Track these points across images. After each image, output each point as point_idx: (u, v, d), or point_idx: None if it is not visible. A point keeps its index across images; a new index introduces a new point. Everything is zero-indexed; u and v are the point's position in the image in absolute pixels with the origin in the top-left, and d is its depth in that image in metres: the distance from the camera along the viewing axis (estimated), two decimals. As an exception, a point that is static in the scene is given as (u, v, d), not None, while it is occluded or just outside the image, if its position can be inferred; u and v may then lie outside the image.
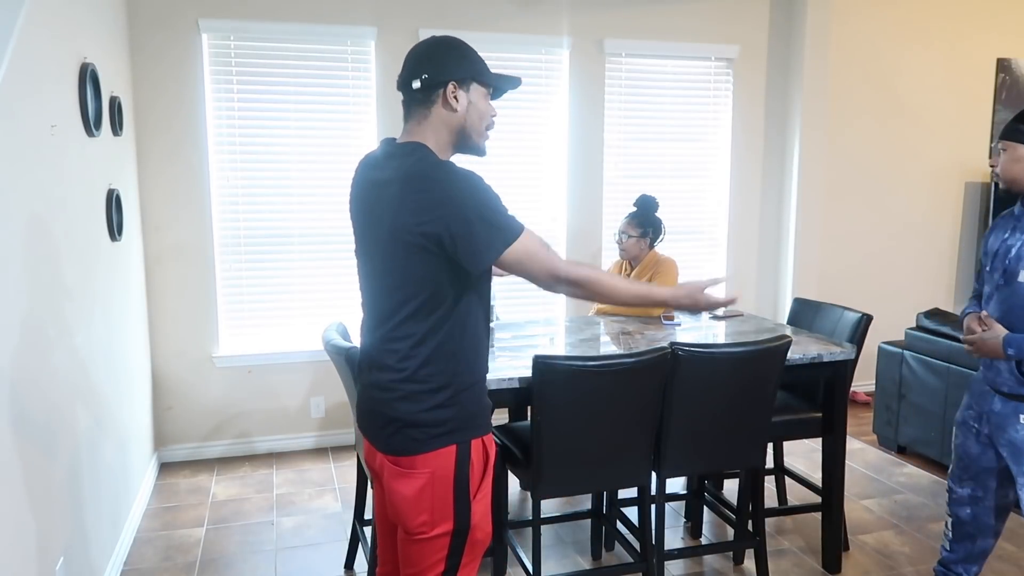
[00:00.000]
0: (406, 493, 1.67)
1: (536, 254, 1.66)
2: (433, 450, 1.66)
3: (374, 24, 4.14)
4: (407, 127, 1.72)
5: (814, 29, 4.74)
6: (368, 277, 1.76)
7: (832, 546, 2.99)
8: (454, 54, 1.70)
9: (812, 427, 2.96)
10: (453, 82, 1.67)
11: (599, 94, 4.56)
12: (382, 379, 1.70)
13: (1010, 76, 5.37)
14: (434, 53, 1.69)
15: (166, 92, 3.95)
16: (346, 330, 2.80)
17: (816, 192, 4.92)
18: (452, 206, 1.57)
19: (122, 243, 3.41)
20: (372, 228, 1.70)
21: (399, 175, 1.63)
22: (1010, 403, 2.29)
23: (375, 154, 1.77)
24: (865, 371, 4.54)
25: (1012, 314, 2.24)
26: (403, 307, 1.65)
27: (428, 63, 1.67)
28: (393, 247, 1.63)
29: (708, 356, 2.51)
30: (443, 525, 1.68)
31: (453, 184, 1.59)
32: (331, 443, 4.41)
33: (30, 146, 2.24)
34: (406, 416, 1.66)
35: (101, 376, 2.95)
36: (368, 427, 1.78)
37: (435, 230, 1.57)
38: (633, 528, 2.91)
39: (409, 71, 1.69)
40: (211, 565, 3.07)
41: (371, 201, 1.70)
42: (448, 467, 1.67)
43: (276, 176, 4.18)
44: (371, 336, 1.75)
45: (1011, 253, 2.26)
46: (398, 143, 1.71)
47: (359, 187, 1.78)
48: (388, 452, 1.71)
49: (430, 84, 1.66)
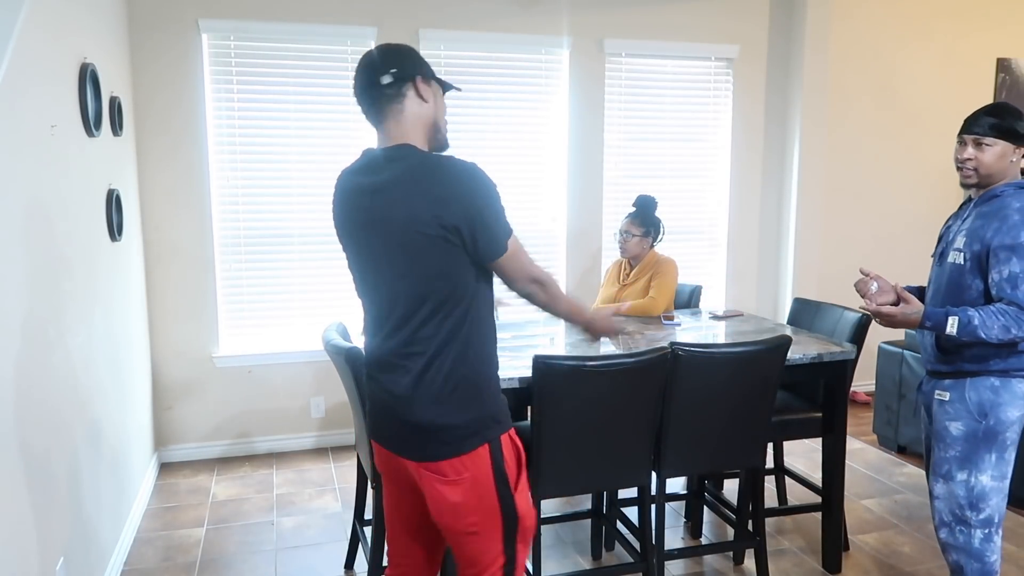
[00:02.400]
0: (452, 499, 1.69)
1: (523, 252, 1.73)
2: (467, 452, 1.68)
3: (374, 24, 4.14)
4: (384, 130, 1.72)
5: (814, 29, 4.74)
6: (376, 286, 1.74)
7: (832, 546, 2.99)
8: (413, 54, 1.75)
9: (812, 427, 2.96)
10: (419, 76, 1.70)
11: (599, 94, 4.56)
12: (402, 385, 1.69)
13: (1010, 76, 5.37)
14: (392, 54, 1.72)
15: (166, 92, 3.95)
16: (346, 330, 2.80)
17: (816, 192, 4.92)
18: (469, 197, 1.61)
19: (122, 243, 3.41)
20: (376, 234, 1.68)
21: (402, 174, 1.63)
22: (931, 380, 2.41)
23: (359, 163, 1.76)
24: (865, 371, 4.54)
25: (941, 292, 2.34)
26: (421, 309, 1.65)
27: (392, 61, 1.70)
28: (407, 246, 1.62)
29: (708, 356, 2.51)
30: (493, 520, 1.72)
31: (468, 176, 1.62)
32: (331, 443, 4.41)
33: (30, 146, 2.24)
34: (435, 421, 1.66)
35: (101, 376, 2.95)
36: (390, 436, 1.77)
37: (454, 221, 1.59)
38: (633, 528, 2.91)
39: (372, 73, 1.70)
40: (211, 565, 3.07)
41: (369, 207, 1.68)
42: (485, 468, 1.70)
43: (276, 176, 4.18)
44: (385, 343, 1.73)
45: (949, 237, 2.37)
46: (386, 147, 1.70)
47: (348, 197, 1.76)
48: (423, 460, 1.70)
49: (400, 77, 1.68)
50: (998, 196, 2.26)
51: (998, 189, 2.27)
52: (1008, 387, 2.23)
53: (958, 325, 2.16)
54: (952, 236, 2.36)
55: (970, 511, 2.28)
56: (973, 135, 2.27)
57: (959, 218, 2.40)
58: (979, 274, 2.23)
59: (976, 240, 2.23)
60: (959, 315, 2.17)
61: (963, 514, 2.29)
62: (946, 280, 2.32)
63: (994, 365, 2.23)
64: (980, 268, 2.23)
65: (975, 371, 2.26)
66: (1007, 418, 2.24)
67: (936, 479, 2.35)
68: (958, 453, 2.29)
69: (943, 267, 2.35)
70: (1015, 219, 2.16)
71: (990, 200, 2.27)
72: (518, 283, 1.74)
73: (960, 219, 2.38)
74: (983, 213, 2.26)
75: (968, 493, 2.28)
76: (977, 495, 2.27)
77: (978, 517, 2.28)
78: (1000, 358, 2.22)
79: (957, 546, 2.32)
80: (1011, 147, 2.25)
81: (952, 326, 2.17)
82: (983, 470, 2.26)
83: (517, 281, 1.74)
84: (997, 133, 2.23)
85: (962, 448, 2.28)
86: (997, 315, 2.14)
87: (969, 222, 2.30)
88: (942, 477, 2.33)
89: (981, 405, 2.25)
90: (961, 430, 2.28)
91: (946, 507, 2.33)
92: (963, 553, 2.31)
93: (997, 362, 2.23)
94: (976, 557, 2.29)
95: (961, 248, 2.27)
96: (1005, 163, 2.25)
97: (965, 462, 2.28)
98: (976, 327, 2.14)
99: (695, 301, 3.78)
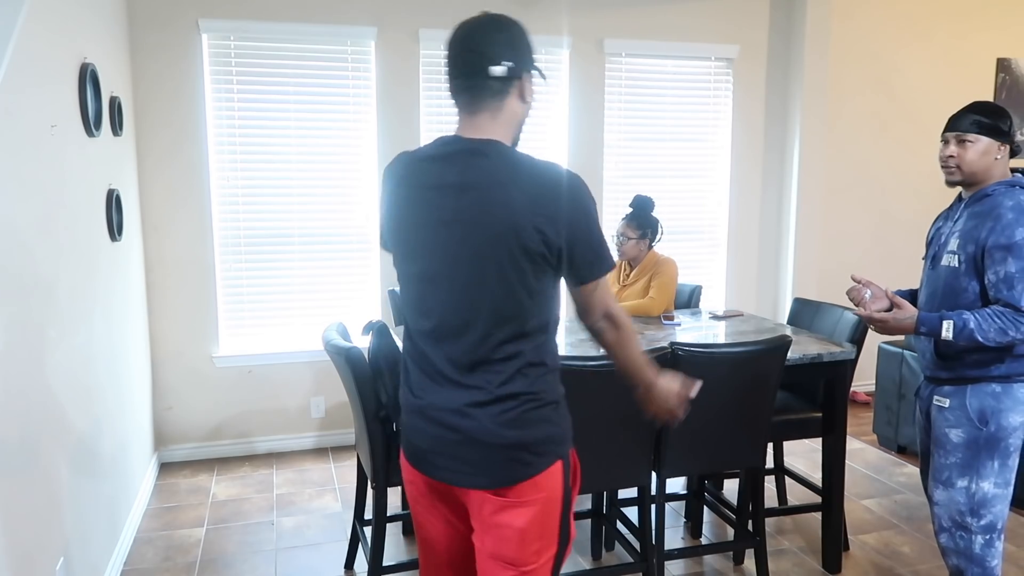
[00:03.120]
0: (518, 525, 1.53)
1: (607, 285, 1.61)
2: (544, 470, 1.54)
3: (374, 24, 4.14)
4: (474, 122, 1.51)
5: (814, 29, 4.74)
6: (449, 292, 1.52)
7: (832, 546, 2.99)
8: (527, 43, 1.52)
9: (812, 427, 2.96)
10: (528, 72, 1.51)
11: (599, 94, 4.56)
12: (476, 400, 1.51)
13: (1010, 76, 5.37)
14: (513, 38, 1.50)
15: (166, 92, 3.95)
16: (346, 330, 2.80)
17: (816, 192, 4.92)
18: (576, 216, 1.48)
19: (122, 243, 3.41)
20: (462, 236, 1.48)
21: (500, 176, 1.46)
22: (929, 386, 2.37)
23: (432, 150, 1.54)
24: (865, 371, 4.55)
25: (935, 297, 2.31)
26: (504, 325, 1.49)
27: (509, 48, 1.48)
28: (498, 256, 1.45)
29: (708, 356, 2.51)
30: (550, 549, 1.59)
31: (576, 191, 1.49)
32: (331, 443, 4.41)
33: (30, 146, 2.24)
34: (516, 440, 1.52)
35: (101, 376, 2.95)
36: (447, 462, 1.56)
37: (557, 240, 1.46)
38: (633, 528, 2.91)
39: (484, 55, 1.47)
40: (211, 565, 3.07)
41: (455, 205, 1.48)
42: (557, 487, 1.57)
43: (276, 176, 4.17)
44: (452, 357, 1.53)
45: (941, 239, 2.35)
46: (470, 139, 1.51)
47: (421, 188, 1.53)
48: (495, 485, 1.53)
49: (512, 74, 1.48)
50: (989, 195, 2.23)
51: (989, 188, 2.24)
52: (1010, 392, 2.20)
53: (953, 329, 2.14)
54: (944, 238, 2.32)
55: (971, 517, 2.25)
56: (955, 132, 2.26)
57: (949, 219, 2.37)
58: (975, 276, 2.20)
59: (970, 241, 2.20)
60: (954, 319, 2.15)
61: (963, 520, 2.26)
62: (942, 284, 2.29)
63: (995, 370, 2.20)
64: (976, 270, 2.19)
65: (976, 377, 2.22)
66: (1009, 424, 2.20)
67: (936, 485, 2.32)
68: (959, 460, 2.25)
69: (937, 270, 2.32)
70: (1009, 218, 2.13)
71: (981, 200, 2.24)
72: (592, 315, 1.60)
73: (951, 220, 2.35)
74: (975, 213, 2.23)
75: (969, 500, 2.24)
76: (978, 501, 2.23)
77: (979, 523, 2.24)
78: (1001, 363, 2.19)
79: (957, 551, 2.29)
80: (994, 144, 2.22)
81: (947, 330, 2.15)
82: (985, 477, 2.22)
83: (592, 313, 1.60)
84: (979, 129, 2.22)
85: (963, 455, 2.24)
86: (993, 317, 2.11)
87: (961, 223, 2.27)
88: (942, 483, 2.29)
89: (982, 412, 2.21)
90: (962, 437, 2.24)
91: (946, 513, 2.30)
92: (963, 558, 2.28)
93: (999, 367, 2.20)
94: (977, 562, 2.26)
95: (955, 250, 2.24)
96: (989, 160, 2.23)
97: (966, 469, 2.24)
98: (972, 330, 2.11)
99: (695, 301, 3.78)
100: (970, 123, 2.23)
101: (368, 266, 4.31)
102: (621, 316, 1.62)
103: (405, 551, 3.17)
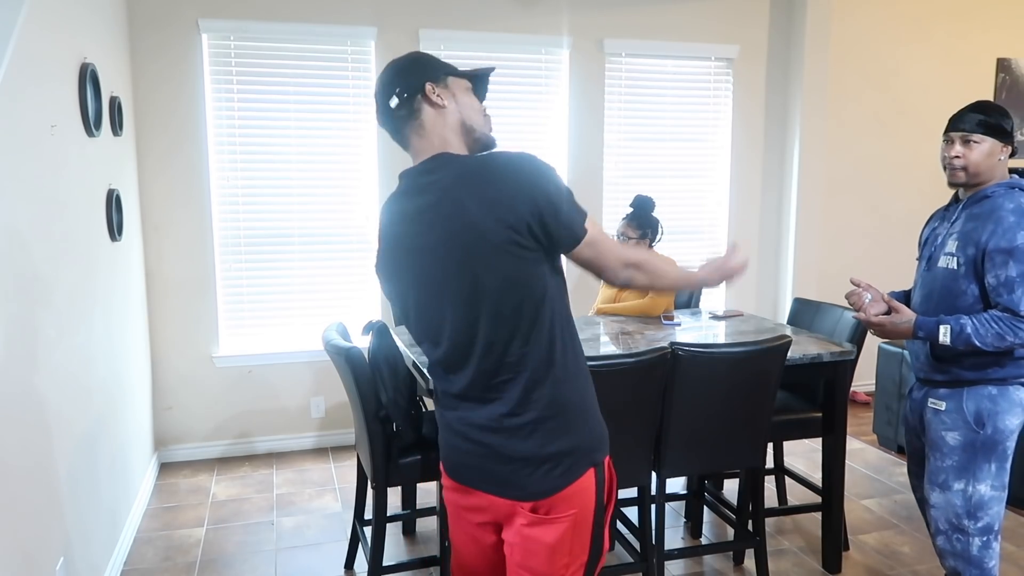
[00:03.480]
0: (548, 540, 1.52)
1: (606, 235, 1.54)
2: (575, 480, 1.52)
3: (374, 24, 4.14)
4: (415, 149, 1.58)
5: (814, 29, 4.74)
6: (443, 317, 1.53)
7: (832, 546, 2.99)
8: (418, 64, 1.61)
9: (812, 427, 2.96)
10: (428, 83, 1.56)
11: (599, 94, 4.56)
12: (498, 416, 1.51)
13: (1010, 76, 5.37)
14: (397, 72, 1.59)
15: (166, 92, 3.95)
16: (346, 330, 2.80)
17: (816, 192, 4.92)
18: (529, 187, 1.44)
19: (122, 243, 3.41)
20: (434, 258, 1.50)
21: (448, 185, 1.48)
22: (923, 388, 2.36)
23: (400, 188, 1.61)
24: (865, 371, 4.55)
25: (931, 299, 2.29)
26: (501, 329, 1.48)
27: (395, 80, 1.57)
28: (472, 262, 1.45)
29: (708, 356, 2.51)
30: (580, 559, 1.57)
31: (520, 165, 1.47)
32: (331, 443, 4.41)
33: (30, 146, 2.24)
34: (543, 451, 1.50)
35: (101, 376, 2.95)
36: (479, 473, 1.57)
37: (522, 219, 1.43)
38: (633, 528, 2.91)
39: (382, 99, 1.58)
40: (211, 565, 3.07)
41: (419, 231, 1.52)
42: (589, 499, 1.54)
43: (276, 176, 4.18)
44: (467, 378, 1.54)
45: (937, 241, 2.32)
46: (421, 164, 1.56)
47: (394, 226, 1.59)
48: (526, 499, 1.52)
49: (407, 95, 1.55)
50: (989, 197, 2.20)
51: (988, 190, 2.22)
52: (1006, 395, 2.19)
53: (951, 334, 2.12)
54: (941, 240, 2.30)
55: (968, 520, 2.24)
56: (961, 132, 2.23)
57: (945, 220, 2.34)
58: (975, 279, 2.17)
59: (970, 243, 2.18)
60: (951, 323, 2.13)
61: (960, 523, 2.25)
62: (939, 286, 2.26)
63: (993, 373, 2.19)
64: (975, 272, 2.17)
65: (973, 380, 2.21)
66: (1006, 427, 2.19)
67: (932, 488, 2.31)
68: (955, 463, 2.24)
69: (933, 272, 2.30)
70: (1011, 221, 2.11)
71: (980, 201, 2.22)
72: (612, 271, 1.54)
73: (947, 221, 2.32)
74: (974, 215, 2.21)
75: (966, 503, 2.23)
76: (975, 504, 2.23)
77: (976, 525, 2.24)
78: (999, 366, 2.18)
79: (955, 553, 2.29)
80: (999, 145, 2.21)
81: (945, 335, 2.13)
82: (981, 480, 2.21)
83: (610, 269, 1.54)
84: (985, 130, 2.20)
85: (959, 458, 2.23)
86: (991, 322, 2.10)
87: (960, 224, 2.24)
88: (938, 486, 2.29)
89: (979, 414, 2.20)
90: (959, 440, 2.23)
91: (943, 516, 2.29)
92: (961, 560, 2.28)
93: (996, 370, 2.19)
94: (975, 564, 2.26)
95: (953, 252, 2.22)
96: (993, 161, 2.21)
97: (963, 472, 2.23)
98: (969, 335, 2.10)
99: (695, 301, 3.78)
100: (976, 123, 2.21)
101: (368, 266, 4.28)
102: (639, 257, 1.59)
103: (405, 551, 3.17)
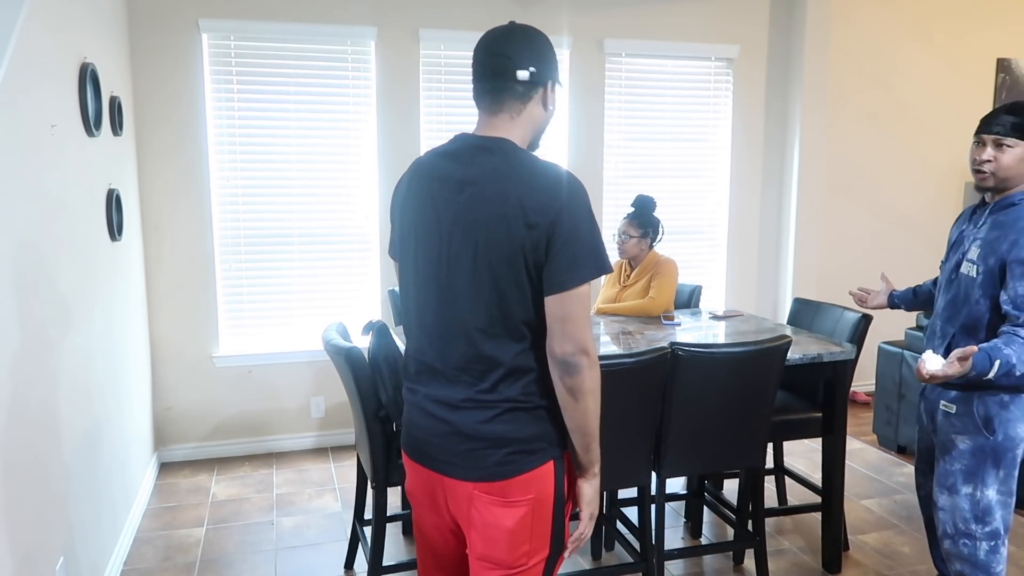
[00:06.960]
0: (507, 524, 1.52)
1: (587, 308, 1.48)
2: (534, 468, 1.52)
3: (374, 24, 4.14)
4: (492, 121, 1.55)
5: (814, 28, 4.74)
6: (444, 285, 1.52)
7: (832, 546, 2.99)
8: (552, 53, 1.58)
9: (812, 427, 2.96)
10: (551, 81, 1.57)
11: (599, 94, 4.56)
12: (466, 396, 1.52)
13: (1010, 76, 5.37)
14: (538, 47, 1.55)
15: (166, 92, 3.95)
16: (346, 330, 2.80)
17: (816, 192, 4.92)
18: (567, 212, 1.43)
19: (122, 243, 3.41)
20: (461, 231, 1.49)
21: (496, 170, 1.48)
22: (936, 388, 2.33)
23: (448, 147, 1.57)
24: (865, 371, 4.55)
25: (954, 304, 2.27)
26: (498, 323, 1.49)
27: (534, 56, 1.53)
28: (494, 250, 1.45)
29: (708, 356, 2.51)
30: (541, 552, 1.57)
31: (569, 185, 1.47)
32: (331, 443, 4.41)
33: (30, 146, 2.24)
34: (505, 435, 1.51)
35: (101, 376, 2.95)
36: (437, 454, 1.57)
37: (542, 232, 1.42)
38: (633, 528, 2.91)
39: (507, 62, 1.51)
40: (211, 565, 3.07)
41: (457, 200, 1.50)
42: (549, 488, 1.55)
43: (276, 176, 4.17)
44: (445, 352, 1.54)
45: (964, 244, 2.28)
46: (482, 136, 1.54)
47: (431, 183, 1.55)
48: (483, 479, 1.53)
49: (535, 80, 1.53)
50: (1015, 205, 2.16)
51: (1016, 197, 2.17)
52: (1017, 402, 2.16)
53: (998, 368, 2.02)
54: (967, 245, 2.25)
55: (975, 524, 2.22)
56: (993, 135, 2.16)
57: (974, 223, 2.29)
58: (990, 290, 2.14)
59: (991, 253, 2.14)
60: (1000, 359, 2.02)
61: (968, 527, 2.24)
62: (962, 292, 2.23)
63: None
64: (992, 284, 2.14)
65: (986, 385, 2.16)
66: (1017, 434, 2.17)
67: (941, 491, 2.30)
68: (964, 467, 2.23)
69: (957, 277, 2.26)
70: None
71: (1006, 208, 2.17)
72: (562, 340, 1.45)
73: (975, 225, 2.27)
74: (999, 222, 2.17)
75: (973, 507, 2.22)
76: (983, 509, 2.21)
77: (984, 530, 2.22)
78: None
79: (961, 557, 2.27)
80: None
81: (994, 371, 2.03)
82: (989, 485, 2.20)
83: (562, 336, 1.45)
84: (1019, 134, 2.13)
85: (968, 462, 2.22)
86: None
87: (985, 231, 2.20)
88: (947, 489, 2.27)
89: (989, 420, 2.18)
90: (968, 444, 2.22)
91: (950, 519, 2.27)
92: (968, 564, 2.26)
93: None
94: (983, 568, 2.24)
95: (975, 260, 2.18)
96: (1023, 167, 2.16)
97: (971, 476, 2.22)
98: (1014, 365, 2.02)
99: (695, 301, 3.78)
100: (1011, 126, 2.14)
101: (368, 266, 4.31)
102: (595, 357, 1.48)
103: (405, 551, 3.17)
